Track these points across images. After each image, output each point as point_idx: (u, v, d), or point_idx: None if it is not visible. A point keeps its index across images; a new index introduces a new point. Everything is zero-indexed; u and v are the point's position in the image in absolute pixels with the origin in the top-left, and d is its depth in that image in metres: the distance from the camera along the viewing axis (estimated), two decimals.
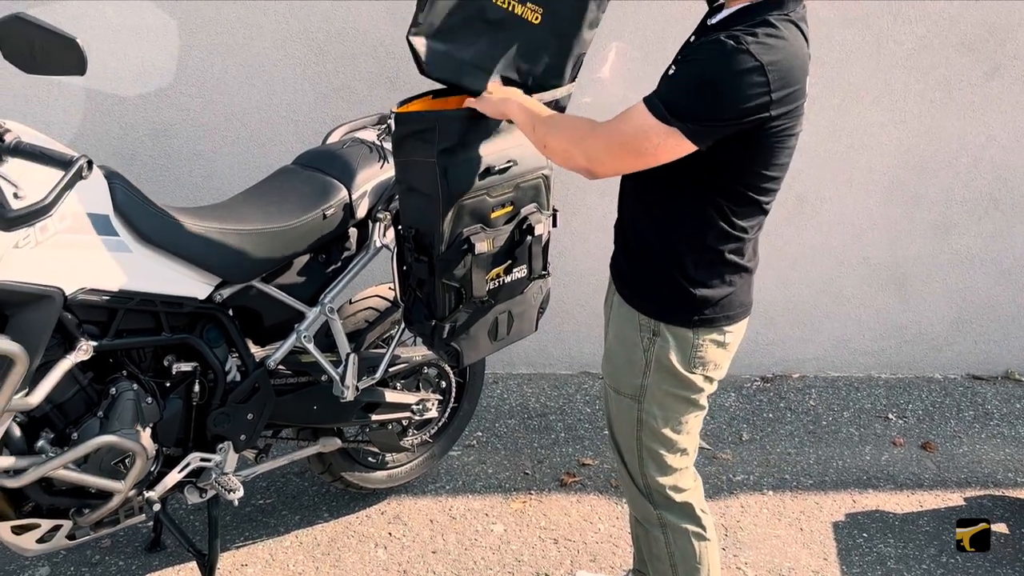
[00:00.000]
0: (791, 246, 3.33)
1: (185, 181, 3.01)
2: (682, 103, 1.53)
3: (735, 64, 1.49)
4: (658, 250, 1.75)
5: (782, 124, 1.58)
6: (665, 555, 1.95)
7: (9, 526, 1.92)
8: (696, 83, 1.54)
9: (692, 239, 1.71)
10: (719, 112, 1.53)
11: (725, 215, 1.68)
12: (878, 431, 3.21)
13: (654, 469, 1.88)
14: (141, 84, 2.88)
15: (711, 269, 1.73)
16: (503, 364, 3.36)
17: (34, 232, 1.69)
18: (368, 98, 2.95)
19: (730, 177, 1.65)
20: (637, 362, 1.82)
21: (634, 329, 1.81)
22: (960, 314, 3.49)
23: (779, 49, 1.53)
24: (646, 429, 1.85)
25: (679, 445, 1.88)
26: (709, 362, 1.80)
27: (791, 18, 1.59)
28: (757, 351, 3.48)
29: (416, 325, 2.12)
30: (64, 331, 1.83)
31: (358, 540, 2.56)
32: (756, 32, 1.52)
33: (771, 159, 1.64)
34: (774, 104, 1.53)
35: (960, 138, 3.23)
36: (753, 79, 1.50)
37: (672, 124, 1.54)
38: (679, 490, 1.91)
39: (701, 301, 1.74)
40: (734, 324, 1.80)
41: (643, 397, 1.83)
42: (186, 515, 2.58)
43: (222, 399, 2.13)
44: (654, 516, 1.94)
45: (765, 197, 1.70)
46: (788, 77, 1.54)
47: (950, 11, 3.04)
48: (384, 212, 2.26)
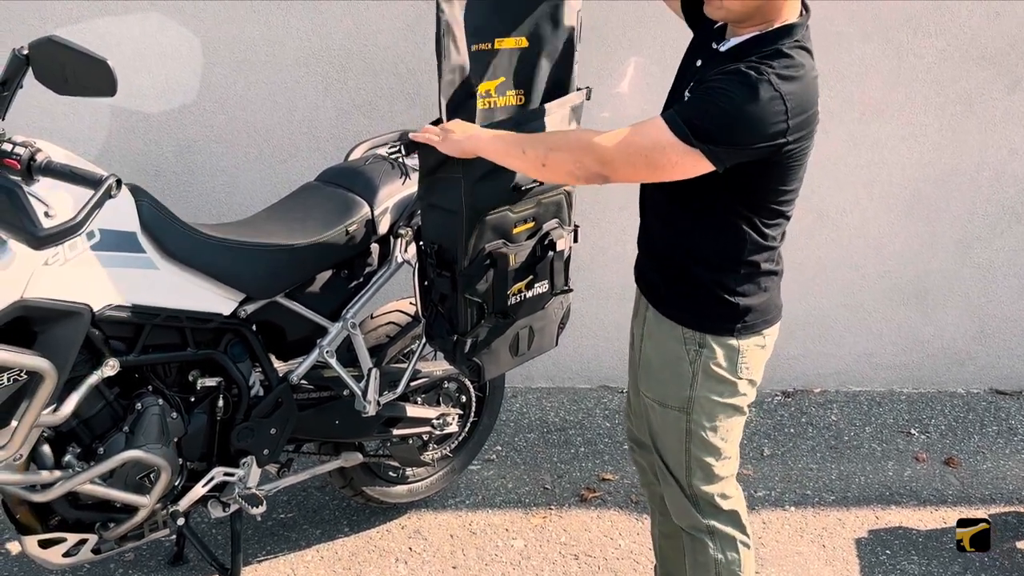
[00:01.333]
0: (811, 260, 3.31)
1: (208, 197, 3.04)
2: (706, 127, 1.58)
3: (758, 94, 1.56)
4: (698, 269, 1.80)
5: (799, 147, 1.66)
6: (712, 563, 1.95)
7: (36, 540, 1.95)
8: (720, 110, 1.58)
9: (729, 255, 1.78)
10: (741, 139, 1.59)
11: (756, 227, 1.76)
12: (900, 446, 3.19)
13: (701, 478, 1.92)
14: (165, 101, 2.91)
15: (749, 279, 1.80)
16: (522, 378, 3.36)
17: (63, 250, 1.72)
18: (389, 114, 2.98)
19: (753, 195, 1.73)
20: (684, 374, 1.85)
21: (678, 342, 1.85)
22: (983, 328, 3.46)
23: (796, 79, 1.61)
24: (695, 439, 1.89)
25: (725, 453, 1.92)
26: (753, 366, 1.87)
27: (801, 43, 1.65)
28: (778, 366, 3.46)
29: (437, 340, 2.13)
30: (91, 347, 1.86)
31: (379, 555, 2.57)
32: (773, 64, 1.59)
33: (788, 177, 1.72)
34: (791, 131, 1.60)
35: (981, 151, 3.21)
36: (774, 108, 1.57)
37: (694, 145, 1.58)
38: (726, 497, 1.95)
39: (744, 310, 1.81)
40: (771, 327, 1.88)
41: (692, 408, 1.87)
42: (209, 529, 2.59)
43: (246, 414, 2.14)
44: (703, 524, 1.95)
45: (787, 207, 1.79)
46: (804, 104, 1.62)
47: (971, 24, 3.03)
48: (406, 228, 2.28)
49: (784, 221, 1.81)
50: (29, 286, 1.68)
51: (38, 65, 1.66)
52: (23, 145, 1.62)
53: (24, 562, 2.43)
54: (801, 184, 1.77)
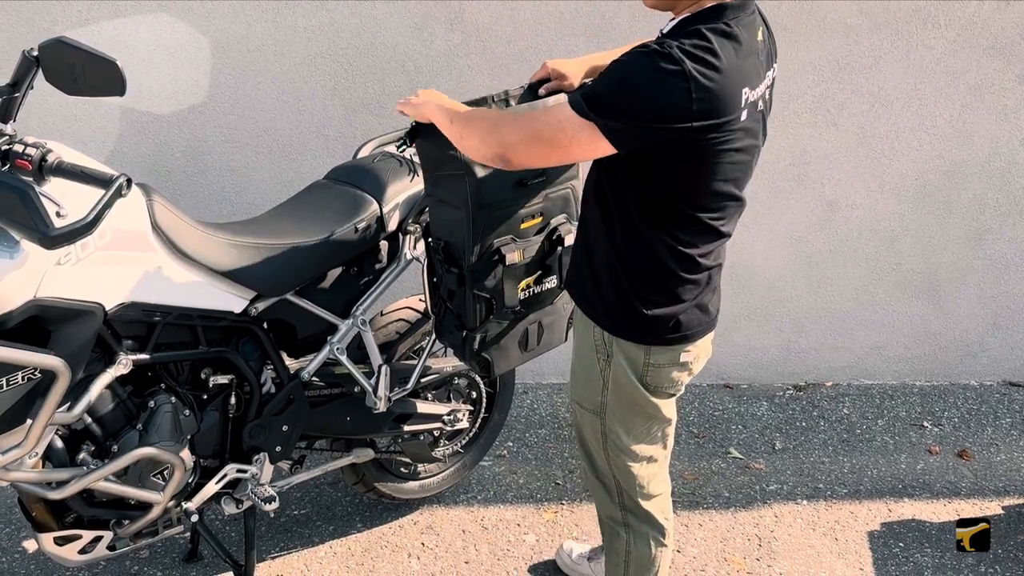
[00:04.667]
0: (822, 253, 3.30)
1: (218, 196, 3.06)
2: (602, 99, 1.52)
3: (657, 67, 1.48)
4: (614, 273, 1.74)
5: (718, 136, 1.54)
6: (623, 553, 2.02)
7: (52, 537, 1.97)
8: (617, 81, 1.52)
9: (643, 262, 1.70)
10: (637, 112, 1.50)
11: (675, 236, 1.66)
12: (913, 439, 3.18)
13: (622, 477, 1.93)
14: (175, 102, 2.93)
15: (663, 291, 1.72)
16: (533, 374, 3.37)
17: (75, 249, 1.73)
18: (397, 112, 2.98)
19: (680, 199, 1.62)
20: (595, 380, 1.85)
21: (591, 348, 1.84)
22: (995, 320, 3.44)
23: (706, 61, 1.50)
24: (610, 443, 1.90)
25: (643, 455, 1.91)
26: (664, 381, 1.81)
27: (728, 28, 1.54)
28: (789, 359, 3.46)
29: (447, 336, 2.14)
30: (104, 346, 1.88)
31: (391, 550, 2.58)
32: (684, 41, 1.51)
33: (716, 175, 1.59)
34: (696, 115, 1.49)
35: (993, 142, 3.19)
36: (674, 84, 1.48)
37: (590, 118, 1.52)
38: (648, 496, 1.96)
39: (653, 320, 1.73)
40: (691, 343, 1.79)
41: (604, 413, 1.87)
42: (222, 526, 2.61)
43: (258, 411, 2.16)
44: (619, 517, 2.00)
45: (719, 219, 1.67)
46: (716, 88, 1.50)
47: (981, 14, 3.01)
48: (414, 225, 2.29)
49: (716, 237, 1.69)
50: (42, 286, 1.69)
51: (48, 66, 1.67)
52: (34, 146, 1.63)
53: (41, 560, 2.46)
54: (740, 190, 1.65)
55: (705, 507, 2.79)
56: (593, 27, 2.93)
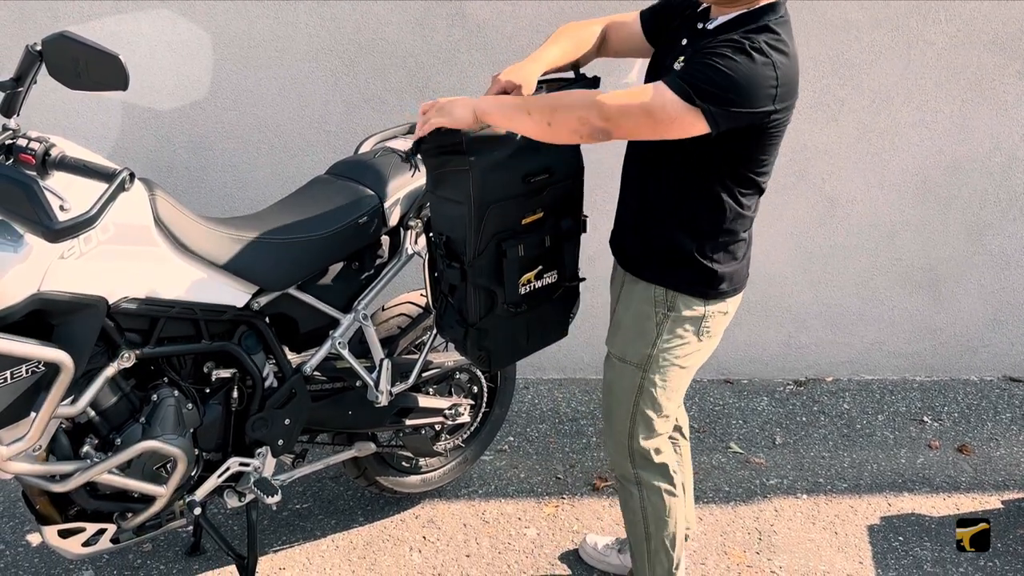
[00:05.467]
0: (823, 248, 3.31)
1: (220, 191, 3.06)
2: (706, 87, 1.66)
3: (754, 60, 1.67)
4: (679, 235, 1.89)
5: (782, 118, 1.76)
6: (639, 508, 2.14)
7: (56, 530, 1.98)
8: (720, 72, 1.66)
9: (710, 222, 1.88)
10: (738, 100, 1.67)
11: (735, 197, 1.85)
12: (913, 434, 3.18)
13: (643, 432, 2.05)
14: (177, 97, 2.94)
15: (725, 248, 1.91)
16: (534, 369, 3.38)
17: (78, 243, 1.74)
18: (398, 108, 2.99)
19: (739, 164, 1.82)
20: (648, 332, 1.97)
21: (648, 303, 1.96)
22: (996, 315, 3.45)
23: (783, 52, 1.71)
24: (645, 395, 2.01)
25: (666, 411, 2.05)
26: (715, 331, 2.00)
27: (784, 19, 1.75)
28: (790, 355, 3.46)
29: (448, 331, 2.15)
30: (107, 339, 1.88)
31: (393, 544, 2.59)
32: (764, 36, 1.70)
33: (768, 148, 1.81)
34: (778, 99, 1.70)
35: (993, 137, 3.20)
36: (767, 73, 1.67)
37: (695, 104, 1.66)
38: (659, 452, 2.09)
39: (719, 277, 1.92)
40: (737, 295, 2.00)
41: (648, 366, 1.98)
42: (225, 520, 2.62)
43: (260, 405, 2.17)
44: (631, 475, 2.11)
45: (763, 179, 1.88)
46: (790, 75, 1.72)
47: (981, 10, 3.02)
48: (415, 220, 2.30)
49: (758, 193, 1.90)
50: (45, 279, 1.70)
51: (51, 61, 1.68)
52: (38, 140, 1.65)
53: (44, 552, 2.47)
54: (776, 158, 1.88)
55: (705, 501, 2.80)
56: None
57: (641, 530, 2.16)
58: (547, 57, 1.97)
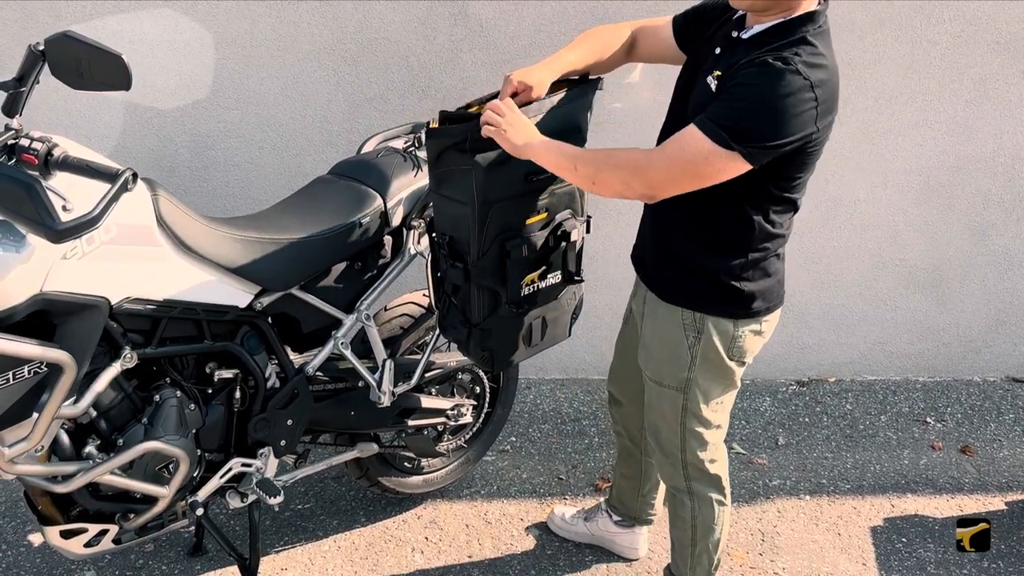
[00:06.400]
0: (826, 249, 3.30)
1: (223, 191, 3.06)
2: (742, 127, 1.59)
3: (789, 85, 1.58)
4: (705, 256, 1.83)
5: (824, 136, 1.69)
6: (689, 517, 2.13)
7: (58, 530, 1.97)
8: (754, 106, 1.59)
9: (740, 242, 1.82)
10: (778, 133, 1.60)
11: (767, 215, 1.80)
12: (916, 435, 3.18)
13: (695, 446, 2.02)
14: (179, 97, 2.93)
15: (756, 265, 1.85)
16: (536, 370, 3.37)
17: (81, 244, 1.74)
18: (401, 107, 2.99)
19: (771, 184, 1.75)
20: (682, 357, 1.92)
21: (677, 327, 1.91)
22: (999, 316, 3.44)
23: (823, 67, 1.63)
24: (690, 415, 1.98)
25: (715, 422, 2.03)
26: (748, 351, 1.94)
27: (824, 29, 1.67)
28: (792, 355, 3.46)
29: (450, 331, 2.14)
30: (110, 340, 1.88)
31: (395, 544, 2.59)
32: (800, 52, 1.60)
33: (807, 165, 1.74)
34: (819, 119, 1.63)
35: (997, 138, 3.19)
36: (805, 97, 1.59)
37: (733, 149, 1.60)
38: (713, 462, 2.07)
39: (748, 296, 1.87)
40: (771, 314, 1.93)
41: (688, 388, 1.95)
42: (227, 520, 2.62)
43: (262, 405, 2.16)
44: (684, 486, 2.10)
45: (798, 194, 1.82)
46: (831, 92, 1.64)
47: (985, 10, 3.01)
48: (418, 220, 2.29)
49: (793, 211, 1.84)
50: (48, 280, 1.70)
51: (54, 60, 1.68)
52: (40, 140, 1.64)
53: (46, 553, 2.47)
54: (813, 173, 1.80)
55: None
56: (596, 23, 2.92)
57: (688, 536, 2.15)
58: (563, 62, 1.94)
